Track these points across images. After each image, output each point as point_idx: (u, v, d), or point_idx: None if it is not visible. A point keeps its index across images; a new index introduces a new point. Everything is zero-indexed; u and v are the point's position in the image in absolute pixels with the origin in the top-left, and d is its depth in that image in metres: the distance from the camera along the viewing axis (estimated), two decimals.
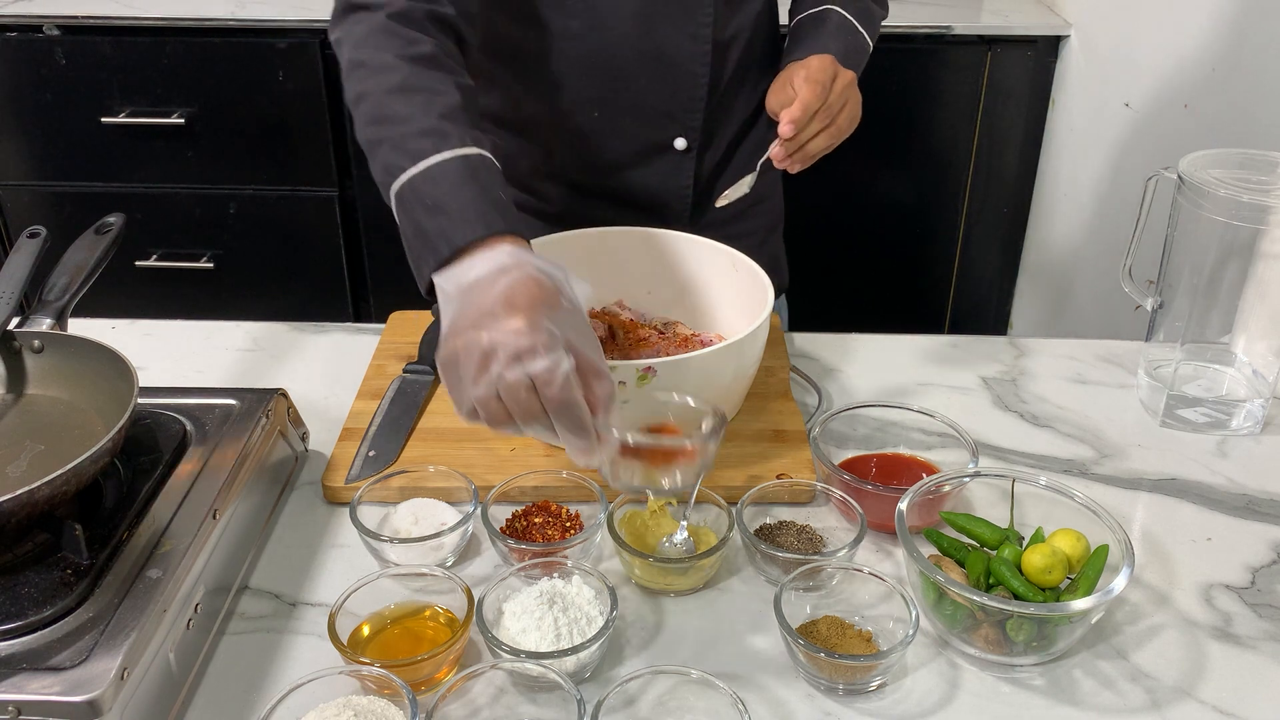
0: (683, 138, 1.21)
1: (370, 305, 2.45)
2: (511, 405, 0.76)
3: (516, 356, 0.74)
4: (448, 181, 0.85)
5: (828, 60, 1.08)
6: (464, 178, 0.85)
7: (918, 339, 1.27)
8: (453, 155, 0.86)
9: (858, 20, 1.21)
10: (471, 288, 0.80)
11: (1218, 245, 1.05)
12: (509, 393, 0.75)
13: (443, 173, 0.85)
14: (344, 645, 0.79)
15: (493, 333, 0.75)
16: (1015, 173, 2.37)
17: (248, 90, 2.19)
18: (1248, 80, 1.63)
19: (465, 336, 0.77)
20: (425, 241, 0.85)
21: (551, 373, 0.74)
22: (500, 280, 0.78)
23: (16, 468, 0.85)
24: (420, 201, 0.86)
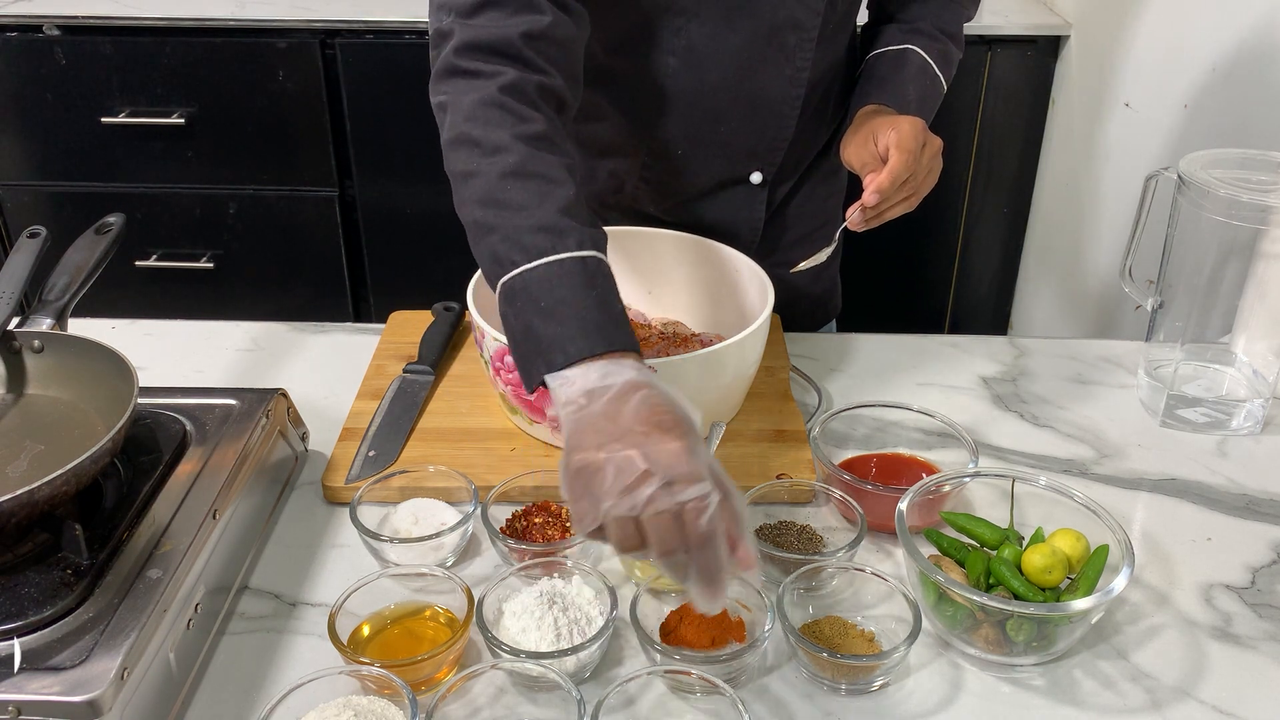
0: (760, 172, 1.20)
1: (370, 305, 2.45)
2: (653, 532, 0.71)
3: (671, 481, 0.70)
4: (565, 286, 0.81)
5: (920, 126, 1.04)
6: (582, 283, 0.81)
7: (918, 339, 1.27)
8: (570, 257, 0.82)
9: (937, 64, 1.18)
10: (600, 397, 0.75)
11: (1218, 245, 1.05)
12: (655, 518, 0.71)
13: (560, 274, 0.81)
14: (344, 645, 0.79)
15: (648, 452, 0.71)
16: (1015, 173, 2.37)
17: (248, 90, 2.19)
18: (1248, 80, 1.63)
19: (611, 451, 0.71)
20: (537, 345, 0.80)
21: (703, 503, 0.70)
22: (635, 396, 0.74)
23: (16, 468, 0.85)
24: (533, 301, 0.81)
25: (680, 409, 0.75)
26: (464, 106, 0.90)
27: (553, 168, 0.87)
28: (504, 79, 0.90)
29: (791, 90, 1.14)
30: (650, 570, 0.88)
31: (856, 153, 1.08)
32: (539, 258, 0.82)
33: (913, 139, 1.03)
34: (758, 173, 1.20)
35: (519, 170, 0.86)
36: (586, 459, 0.72)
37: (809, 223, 1.31)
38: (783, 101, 1.15)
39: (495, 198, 0.86)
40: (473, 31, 0.92)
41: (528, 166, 0.86)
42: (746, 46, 1.10)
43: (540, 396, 0.98)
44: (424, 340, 1.17)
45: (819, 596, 0.89)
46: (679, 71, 1.11)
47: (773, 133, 1.17)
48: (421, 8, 2.14)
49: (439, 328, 1.19)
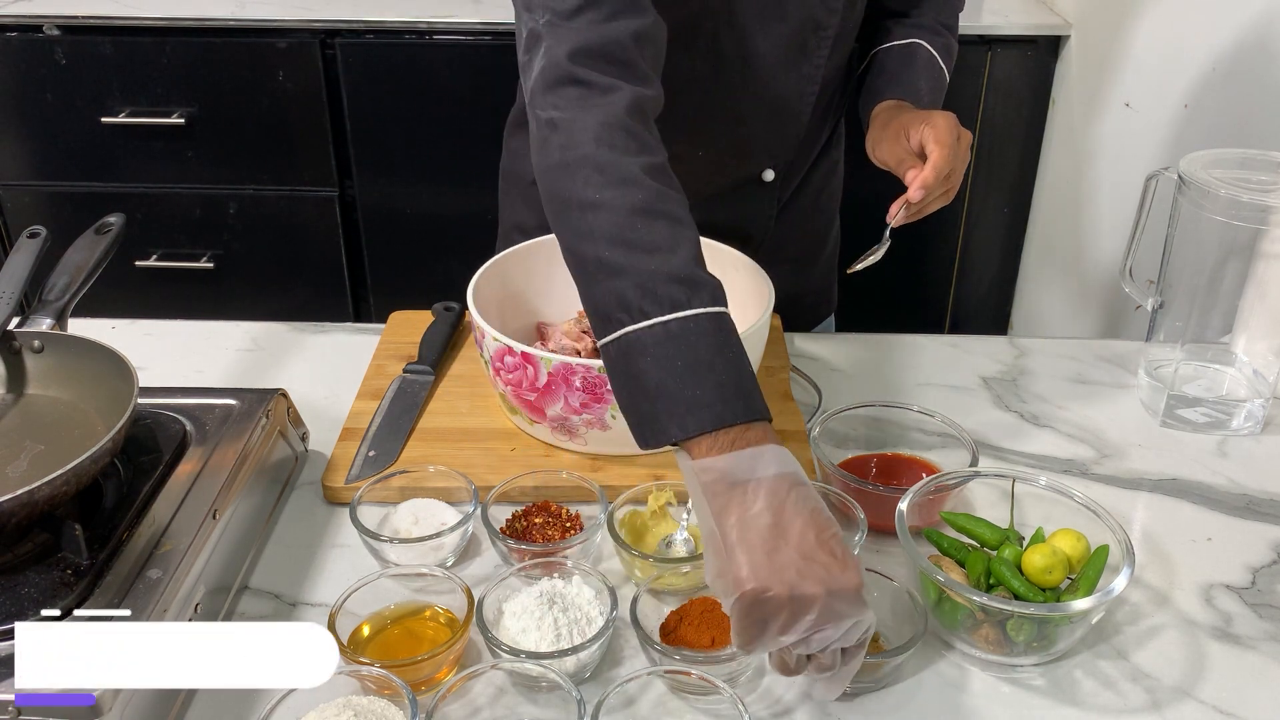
0: (771, 169, 1.21)
1: (370, 305, 2.45)
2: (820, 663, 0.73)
3: (850, 629, 0.71)
4: (702, 345, 0.77)
5: (953, 120, 1.05)
6: (719, 345, 0.78)
7: (918, 339, 1.27)
8: (704, 313, 0.78)
9: (941, 57, 1.20)
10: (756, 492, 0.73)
11: (1218, 245, 1.05)
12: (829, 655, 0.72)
13: (696, 333, 0.77)
14: (344, 645, 0.79)
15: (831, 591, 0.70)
16: (1015, 173, 2.37)
17: (248, 90, 2.19)
18: (1248, 80, 1.63)
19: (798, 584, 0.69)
20: (671, 405, 0.76)
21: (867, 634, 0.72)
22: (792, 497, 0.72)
23: (16, 468, 0.85)
24: (669, 358, 0.77)
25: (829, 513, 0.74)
26: (587, 127, 0.84)
27: (679, 207, 0.84)
28: (625, 97, 0.86)
29: (808, 89, 1.15)
30: (650, 570, 0.88)
31: (891, 149, 1.08)
32: (673, 311, 0.78)
33: (949, 133, 1.03)
34: (769, 170, 1.21)
35: (649, 209, 0.82)
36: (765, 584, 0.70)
37: (812, 220, 1.31)
38: (799, 100, 1.15)
39: (625, 237, 0.81)
40: (580, 36, 0.87)
41: (658, 205, 0.82)
42: (773, 50, 1.10)
43: (540, 397, 0.98)
44: (424, 340, 1.17)
45: None
46: (706, 77, 1.11)
47: (789, 131, 1.18)
48: (421, 7, 2.14)
49: (439, 328, 1.19)
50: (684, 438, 0.75)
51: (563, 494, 0.97)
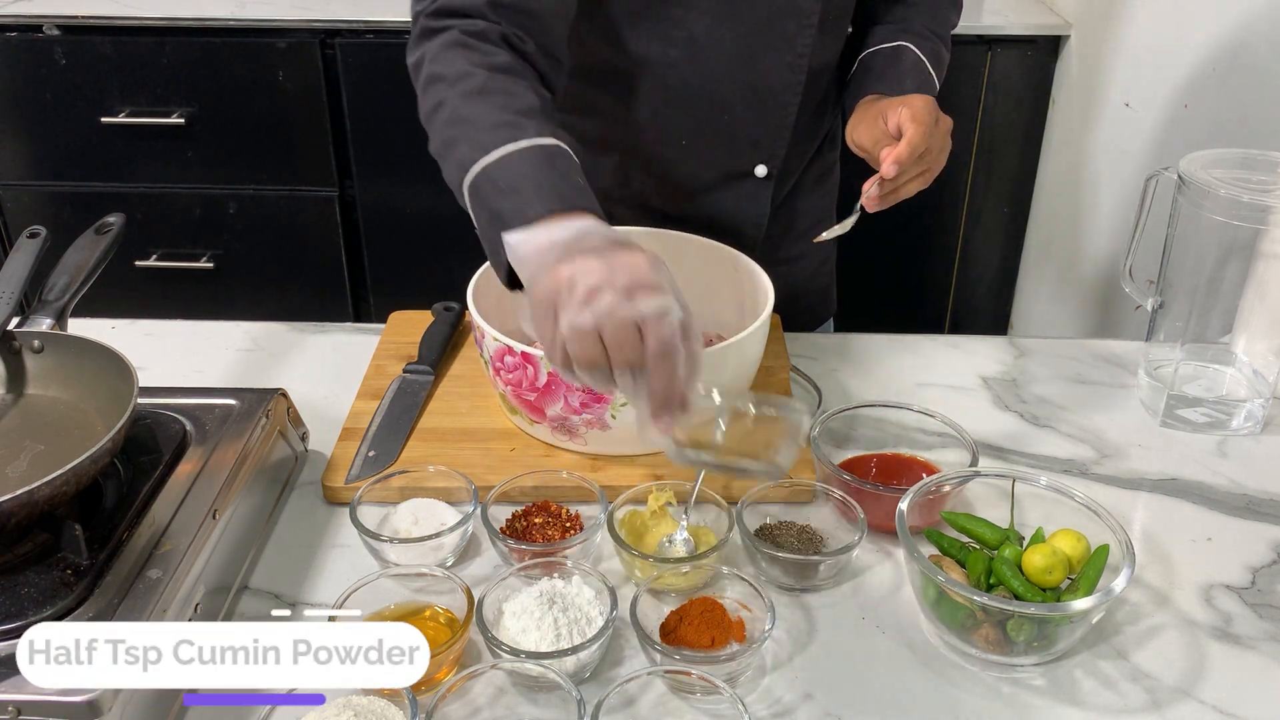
0: (764, 165, 1.20)
1: (370, 305, 2.45)
2: (612, 342, 0.72)
3: (632, 290, 0.71)
4: (524, 166, 0.82)
5: (931, 103, 1.04)
6: (540, 163, 0.83)
7: (918, 339, 1.27)
8: (529, 144, 0.83)
9: (930, 61, 1.20)
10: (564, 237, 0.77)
11: (1218, 245, 1.05)
12: (615, 327, 0.71)
13: (518, 159, 0.83)
14: None
15: (611, 263, 0.72)
16: (1015, 173, 2.37)
17: (248, 90, 2.19)
18: (1248, 80, 1.63)
19: (575, 265, 0.73)
20: (498, 221, 0.81)
21: (665, 314, 0.71)
22: (598, 232, 0.77)
23: (16, 468, 0.85)
24: (494, 186, 0.83)
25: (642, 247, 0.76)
26: (432, 52, 0.93)
27: (515, 85, 0.89)
28: (471, 28, 0.93)
29: (793, 78, 1.14)
30: (650, 570, 0.88)
31: (867, 132, 1.07)
32: (496, 149, 0.84)
33: (926, 113, 1.03)
34: (762, 166, 1.20)
35: (481, 89, 0.88)
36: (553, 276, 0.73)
37: (806, 219, 1.31)
38: (784, 90, 1.15)
39: (459, 115, 0.88)
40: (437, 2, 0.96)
41: (489, 85, 0.89)
42: (748, 34, 1.10)
43: (540, 397, 0.98)
44: (424, 340, 1.17)
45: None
46: (680, 62, 1.11)
47: (775, 122, 1.17)
48: None
49: (439, 328, 1.19)
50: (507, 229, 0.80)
51: (563, 494, 0.97)
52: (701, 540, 0.93)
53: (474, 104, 0.88)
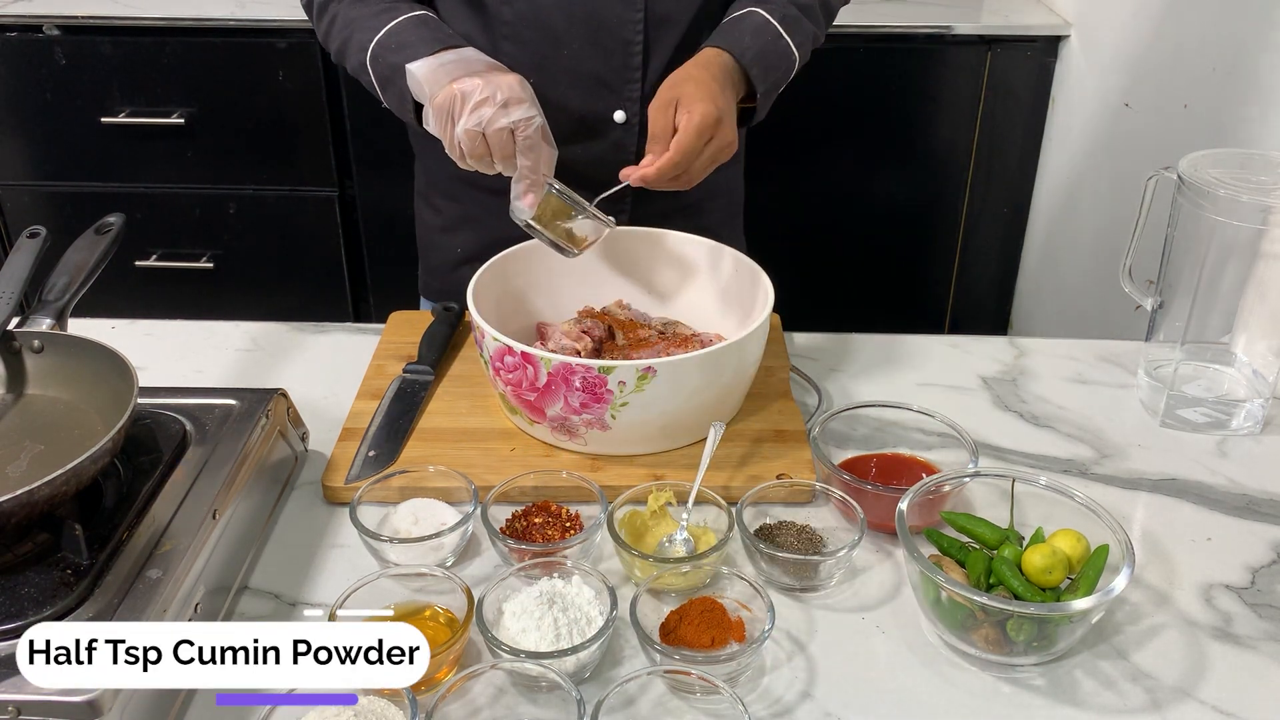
0: (622, 110, 1.21)
1: (370, 305, 2.45)
2: (493, 141, 0.99)
3: (507, 103, 0.98)
4: (407, 29, 1.09)
5: (711, 118, 1.04)
6: (419, 24, 1.10)
7: (918, 339, 1.27)
8: (406, 16, 1.10)
9: (782, 26, 1.17)
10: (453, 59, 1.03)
11: (1218, 245, 1.05)
12: (495, 131, 0.98)
13: (401, 27, 1.09)
14: None
15: (491, 81, 0.98)
16: (1015, 173, 2.37)
17: (248, 90, 2.19)
18: (1248, 80, 1.63)
19: (464, 82, 0.99)
20: (398, 74, 1.07)
21: (531, 120, 0.99)
22: (478, 57, 1.04)
23: (16, 468, 0.85)
24: (387, 49, 1.09)
25: None
26: None
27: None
28: None
29: (629, 14, 1.16)
30: (650, 570, 0.88)
31: (655, 116, 1.08)
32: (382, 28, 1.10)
33: (697, 136, 1.04)
34: (620, 111, 1.21)
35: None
36: (447, 91, 1.00)
37: None
38: (621, 26, 1.17)
39: (349, 18, 1.14)
40: None
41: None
42: None
43: (540, 397, 0.98)
44: (424, 340, 1.17)
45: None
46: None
47: (620, 62, 1.19)
48: None
49: (439, 328, 1.19)
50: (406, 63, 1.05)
51: (563, 494, 0.97)
52: (701, 540, 0.93)
53: (358, 7, 1.14)
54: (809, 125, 2.23)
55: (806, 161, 2.31)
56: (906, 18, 2.20)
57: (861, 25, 2.18)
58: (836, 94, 2.21)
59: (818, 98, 2.10)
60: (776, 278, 1.09)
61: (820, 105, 2.21)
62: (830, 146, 2.30)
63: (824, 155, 2.31)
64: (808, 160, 2.31)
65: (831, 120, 2.25)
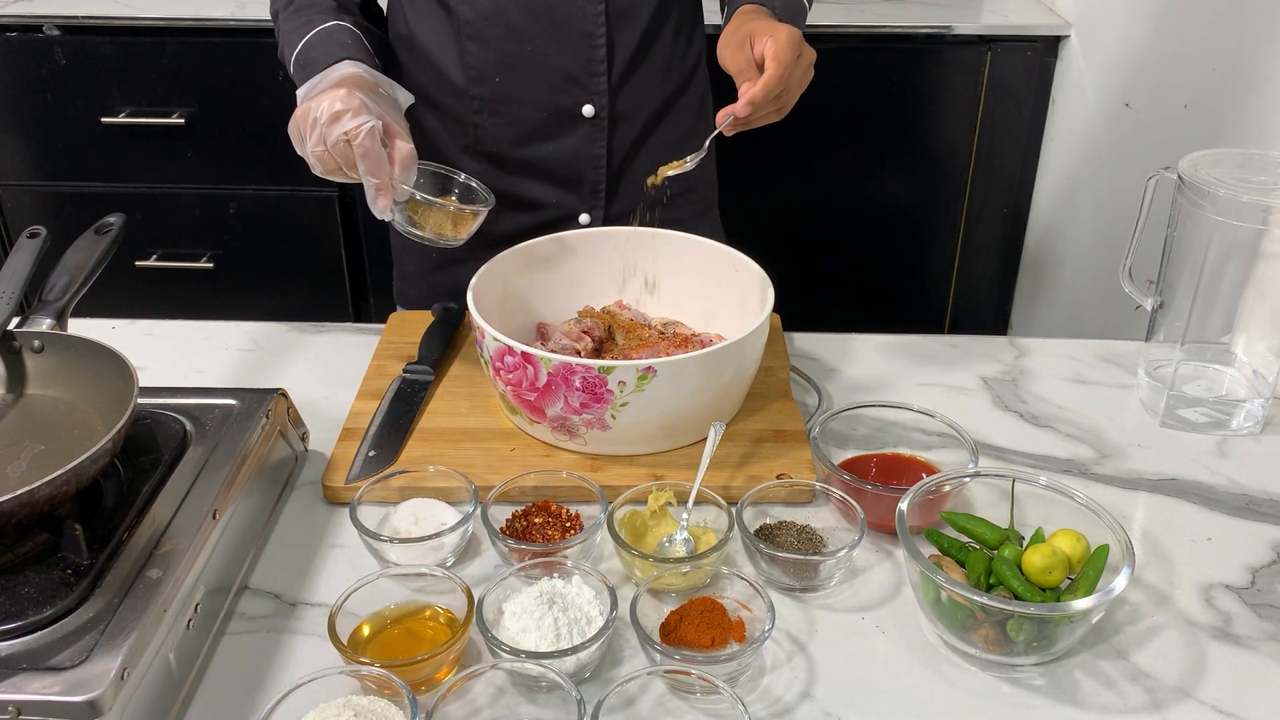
0: (590, 104, 1.22)
1: (370, 305, 2.45)
2: (335, 153, 1.01)
3: (336, 118, 0.99)
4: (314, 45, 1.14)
5: (796, 36, 1.05)
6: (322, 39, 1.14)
7: (918, 339, 1.27)
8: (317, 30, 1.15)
9: None
10: (317, 81, 1.09)
11: (1218, 245, 1.05)
12: (332, 144, 1.00)
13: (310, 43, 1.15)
14: (344, 645, 0.79)
15: (319, 101, 1.01)
16: (1015, 173, 2.37)
17: (248, 90, 2.19)
18: (1248, 80, 1.63)
19: (302, 108, 1.03)
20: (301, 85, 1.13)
21: (360, 127, 0.99)
22: (331, 75, 1.08)
23: (16, 468, 0.85)
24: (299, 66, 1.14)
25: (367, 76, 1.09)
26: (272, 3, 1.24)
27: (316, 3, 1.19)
28: None
29: (589, 7, 1.18)
30: (650, 570, 0.88)
31: (733, 56, 1.08)
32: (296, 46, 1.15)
33: (789, 50, 1.04)
34: (588, 105, 1.22)
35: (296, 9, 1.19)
36: (293, 117, 1.04)
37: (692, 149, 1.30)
38: (582, 19, 1.18)
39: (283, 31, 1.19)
40: None
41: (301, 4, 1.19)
42: None
43: (540, 397, 0.98)
44: (424, 340, 1.17)
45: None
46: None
47: (584, 54, 1.20)
48: None
49: (439, 328, 1.19)
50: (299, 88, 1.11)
51: (563, 494, 0.97)
52: (701, 540, 0.93)
53: (290, 20, 1.19)
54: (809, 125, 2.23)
55: (806, 161, 2.31)
56: (906, 18, 2.20)
57: (861, 25, 2.18)
58: (836, 94, 2.21)
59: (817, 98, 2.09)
60: (776, 278, 1.09)
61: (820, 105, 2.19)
62: (830, 146, 2.30)
63: (824, 155, 2.31)
64: (807, 160, 2.31)
65: (831, 120, 2.25)
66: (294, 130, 1.05)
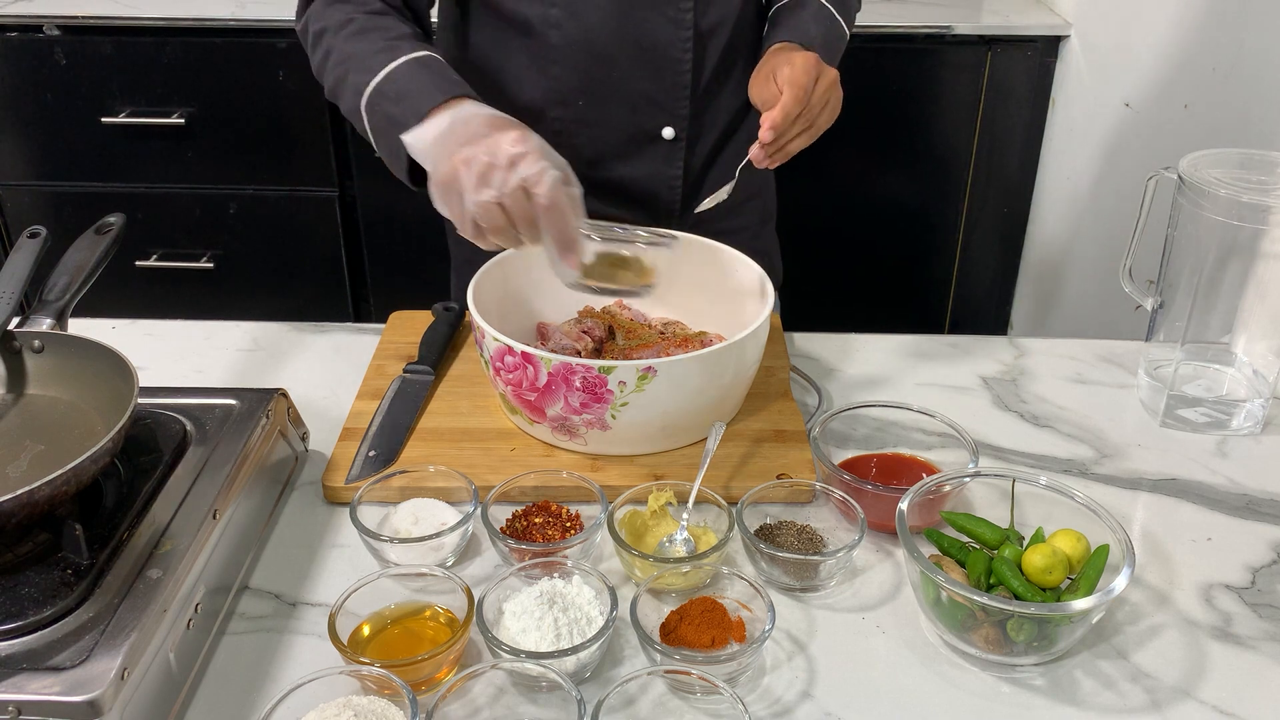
0: (670, 126, 1.22)
1: (370, 305, 2.45)
2: (511, 207, 0.87)
3: (513, 162, 0.87)
4: (405, 77, 1.00)
5: (812, 60, 1.07)
6: (417, 69, 1.01)
7: (918, 339, 1.27)
8: (406, 59, 1.02)
9: (835, 8, 1.21)
10: (450, 127, 0.93)
11: (1218, 245, 1.05)
12: (509, 195, 0.87)
13: (400, 73, 1.01)
14: (344, 645, 0.79)
15: (491, 144, 0.87)
16: (1015, 173, 2.37)
17: (248, 90, 2.19)
18: (1248, 80, 1.63)
19: (464, 152, 0.89)
20: (394, 123, 0.98)
21: (543, 174, 0.87)
22: (478, 116, 0.94)
23: (16, 468, 0.85)
24: (384, 97, 1.00)
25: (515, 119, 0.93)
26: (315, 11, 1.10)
27: (390, 22, 1.06)
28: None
29: (677, 33, 1.16)
30: (650, 570, 0.88)
31: (759, 91, 1.12)
32: (381, 69, 1.01)
33: (805, 74, 1.05)
34: (669, 128, 1.22)
35: (362, 29, 1.05)
36: (446, 168, 0.90)
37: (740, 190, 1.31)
38: (671, 45, 1.17)
39: (344, 53, 1.05)
40: None
41: (366, 25, 1.06)
42: None
43: (540, 397, 0.98)
44: (424, 340, 1.17)
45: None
46: (562, 21, 1.14)
47: (670, 80, 1.19)
48: None
49: (439, 328, 1.19)
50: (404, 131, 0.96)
51: (563, 494, 0.97)
52: (701, 540, 0.93)
53: (356, 42, 1.05)
54: None
55: (806, 161, 2.30)
56: (906, 18, 2.20)
57: (861, 25, 2.16)
58: None
59: None
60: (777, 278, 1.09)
61: None
62: (830, 146, 2.29)
63: (823, 155, 2.31)
64: (807, 160, 2.30)
65: None
66: (447, 184, 0.90)
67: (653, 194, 1.26)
